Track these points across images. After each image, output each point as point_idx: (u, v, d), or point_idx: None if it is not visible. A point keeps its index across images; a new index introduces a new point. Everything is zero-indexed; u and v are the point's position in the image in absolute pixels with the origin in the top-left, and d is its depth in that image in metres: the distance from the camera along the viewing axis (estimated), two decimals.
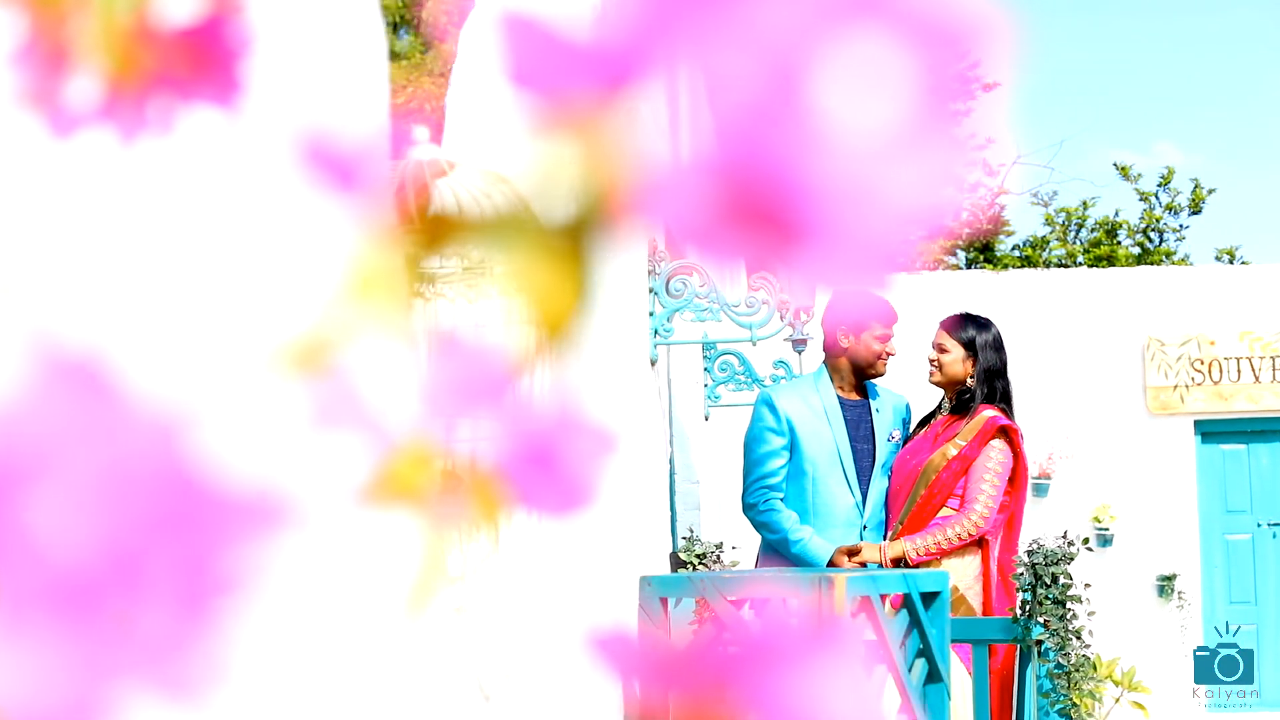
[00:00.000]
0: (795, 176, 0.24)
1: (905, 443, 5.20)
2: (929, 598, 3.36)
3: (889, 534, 5.05)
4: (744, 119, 0.24)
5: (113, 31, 0.51)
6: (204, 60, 0.54)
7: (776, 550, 5.03)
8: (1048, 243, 18.36)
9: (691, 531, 5.23)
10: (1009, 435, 5.01)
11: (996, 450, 4.99)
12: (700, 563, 4.78)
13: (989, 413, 5.01)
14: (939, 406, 5.19)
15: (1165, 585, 10.29)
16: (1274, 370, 10.43)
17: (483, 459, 0.41)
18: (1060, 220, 18.37)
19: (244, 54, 0.53)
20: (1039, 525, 8.67)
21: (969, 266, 18.62)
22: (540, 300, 0.30)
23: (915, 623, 3.30)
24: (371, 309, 0.30)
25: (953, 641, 4.47)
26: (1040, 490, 10.31)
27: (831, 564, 4.88)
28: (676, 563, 4.97)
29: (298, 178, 0.30)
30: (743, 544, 6.18)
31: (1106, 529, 10.32)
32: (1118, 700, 8.04)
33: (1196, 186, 17.75)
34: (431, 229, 0.29)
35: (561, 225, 0.27)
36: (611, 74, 0.25)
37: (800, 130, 0.24)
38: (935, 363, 5.13)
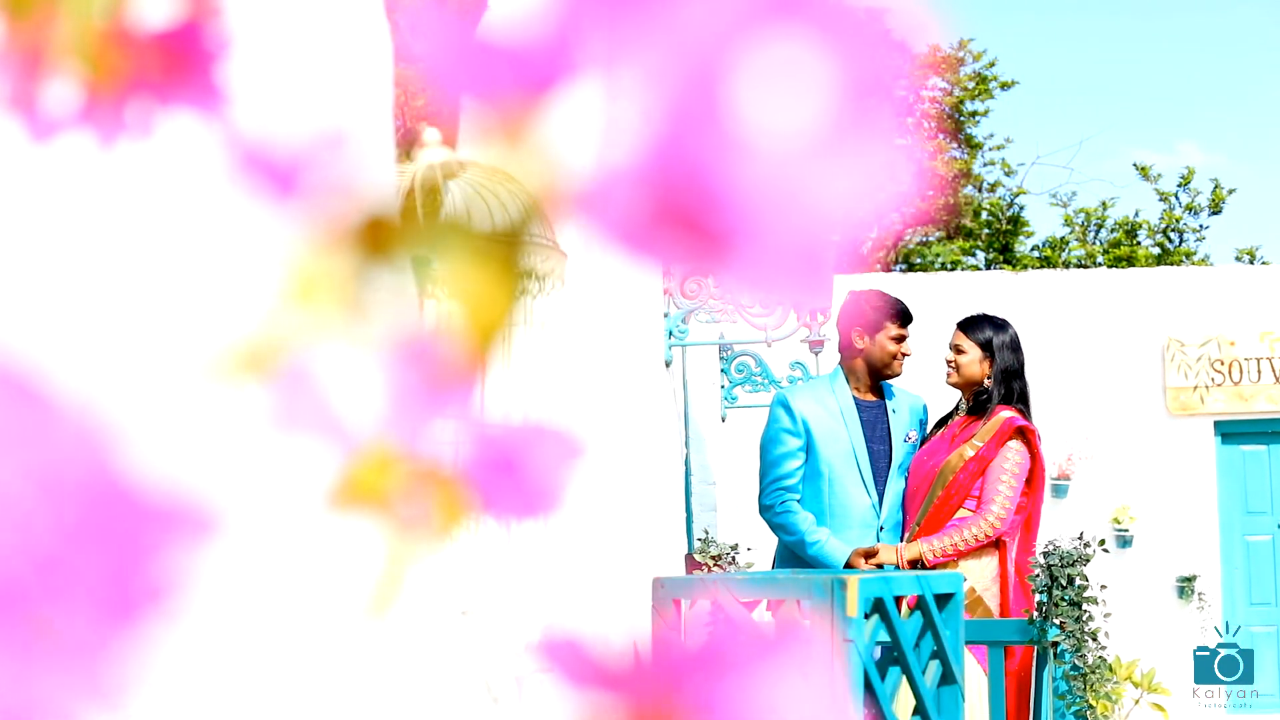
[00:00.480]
0: (718, 181, 0.24)
1: (922, 444, 5.19)
2: (943, 599, 3.35)
3: (906, 535, 5.04)
4: (665, 123, 0.24)
5: (88, 35, 0.51)
6: (182, 64, 0.54)
7: (794, 552, 5.02)
8: (1067, 243, 18.31)
9: (707, 533, 5.22)
10: (1026, 436, 4.99)
11: (1014, 451, 4.97)
12: (715, 564, 4.78)
13: (1006, 413, 4.99)
14: (956, 407, 5.17)
15: (1185, 586, 10.25)
16: None
17: (447, 463, 0.41)
18: (1080, 221, 18.31)
19: (221, 57, 0.53)
20: (1058, 526, 8.65)
21: (988, 267, 18.57)
22: (473, 306, 0.29)
23: (929, 624, 3.29)
24: (314, 314, 0.30)
25: (969, 643, 4.46)
26: (1060, 491, 10.28)
27: (848, 565, 4.88)
28: (692, 564, 4.97)
29: (236, 184, 0.30)
30: (758, 545, 6.17)
31: (1126, 530, 10.28)
32: (1137, 702, 8.01)
33: (1216, 186, 17.68)
34: (372, 234, 0.29)
35: (495, 230, 0.27)
36: (535, 76, 0.25)
37: (721, 134, 0.24)
38: (952, 363, 5.12)
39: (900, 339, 5.13)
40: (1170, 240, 17.83)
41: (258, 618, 0.55)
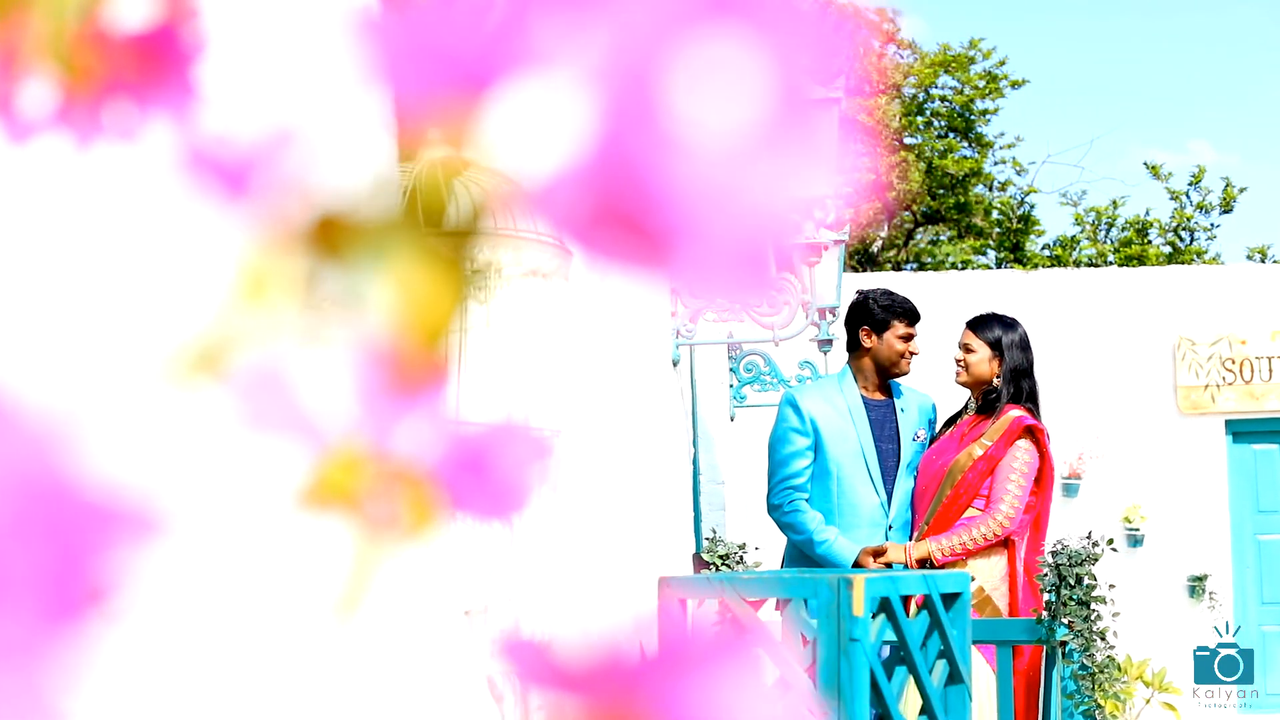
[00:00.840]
0: (655, 179, 0.24)
1: (931, 442, 5.18)
2: (950, 598, 3.35)
3: (915, 534, 5.03)
4: (602, 122, 0.24)
5: (63, 36, 0.50)
6: (157, 66, 0.54)
7: (803, 551, 5.02)
8: (1078, 242, 18.28)
9: (715, 532, 5.22)
10: (1035, 435, 4.98)
11: (1022, 450, 4.96)
12: (723, 563, 4.78)
13: (1015, 412, 4.99)
14: (965, 406, 5.17)
15: (1196, 586, 10.23)
16: None
17: (415, 463, 0.41)
18: (1090, 220, 18.28)
19: (198, 59, 0.53)
20: (1069, 525, 8.64)
21: (998, 266, 18.55)
22: (418, 308, 0.29)
23: (936, 624, 3.28)
24: (265, 314, 0.30)
25: (978, 642, 4.45)
26: (1071, 490, 10.27)
27: (857, 564, 4.87)
28: (699, 563, 4.97)
29: (184, 184, 0.30)
30: (767, 545, 6.17)
31: (1137, 529, 10.26)
32: (1148, 701, 8.00)
33: (1228, 185, 17.63)
34: (325, 233, 0.29)
35: (442, 231, 0.27)
36: (472, 74, 0.25)
37: (658, 132, 0.24)
38: (961, 362, 5.11)
39: (908, 338, 5.13)
40: (1181, 239, 17.80)
41: (221, 619, 0.54)
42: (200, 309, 0.31)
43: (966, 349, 5.11)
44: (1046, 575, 4.42)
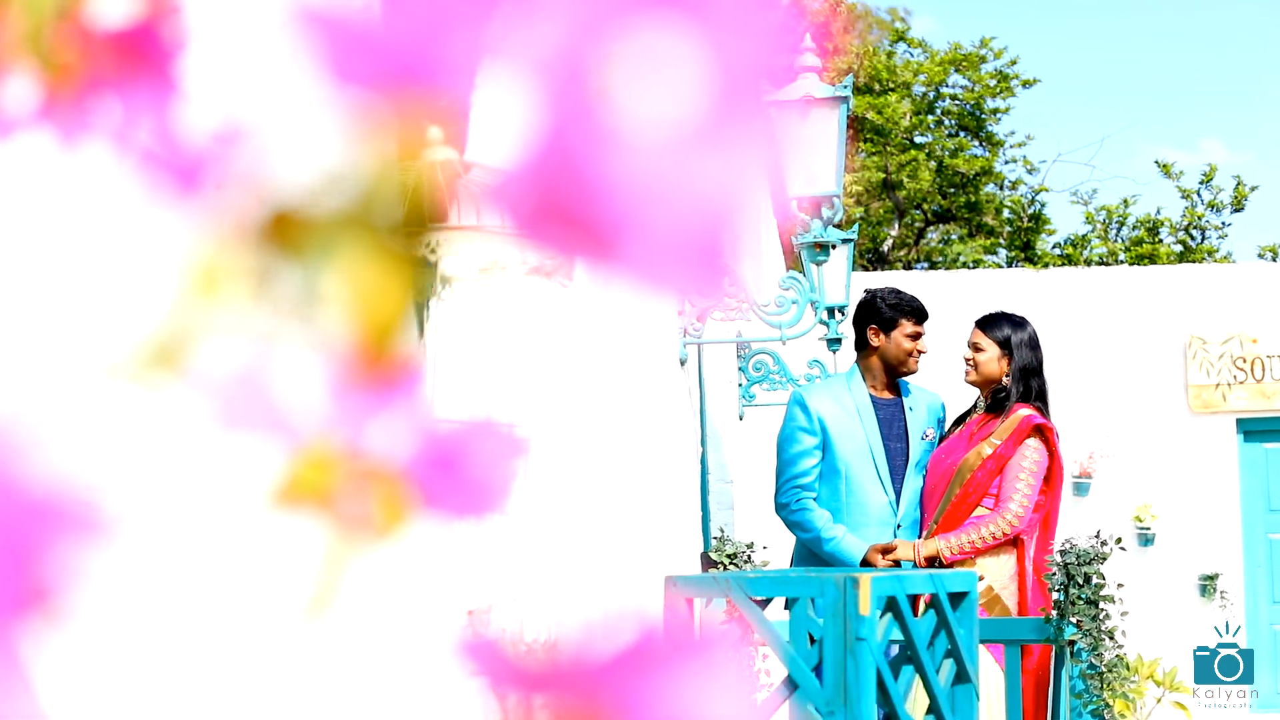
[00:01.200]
0: (593, 173, 0.23)
1: (940, 441, 5.17)
2: (957, 598, 3.34)
3: (924, 533, 5.02)
4: (540, 116, 0.24)
5: (41, 33, 0.50)
6: (138, 61, 0.53)
7: (812, 550, 5.02)
8: (1089, 241, 18.24)
9: (722, 531, 5.21)
10: (1044, 434, 4.97)
11: (1032, 449, 4.95)
12: (731, 562, 4.77)
13: (1024, 411, 4.97)
14: (974, 405, 5.15)
15: (1207, 585, 10.20)
16: None
17: (388, 461, 0.41)
18: (1101, 218, 18.24)
19: (179, 54, 0.53)
20: (1080, 524, 8.62)
21: (1009, 265, 18.52)
22: (369, 303, 0.29)
23: (943, 623, 3.27)
24: (218, 311, 0.30)
25: (987, 642, 4.44)
26: (1081, 489, 10.25)
27: (865, 562, 4.86)
28: (707, 562, 4.96)
29: (137, 181, 0.30)
30: (775, 544, 6.17)
31: (1148, 528, 10.24)
32: (1159, 701, 7.98)
33: (1239, 184, 17.58)
34: (275, 230, 0.29)
35: (391, 227, 0.27)
36: (409, 69, 0.24)
37: (596, 126, 0.23)
38: (970, 361, 5.10)
39: (916, 336, 5.11)
40: (1192, 237, 17.75)
41: (190, 620, 0.54)
42: (154, 306, 0.30)
43: (975, 348, 5.10)
44: (1055, 574, 4.41)
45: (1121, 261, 17.28)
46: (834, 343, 6.43)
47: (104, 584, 0.26)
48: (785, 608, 3.32)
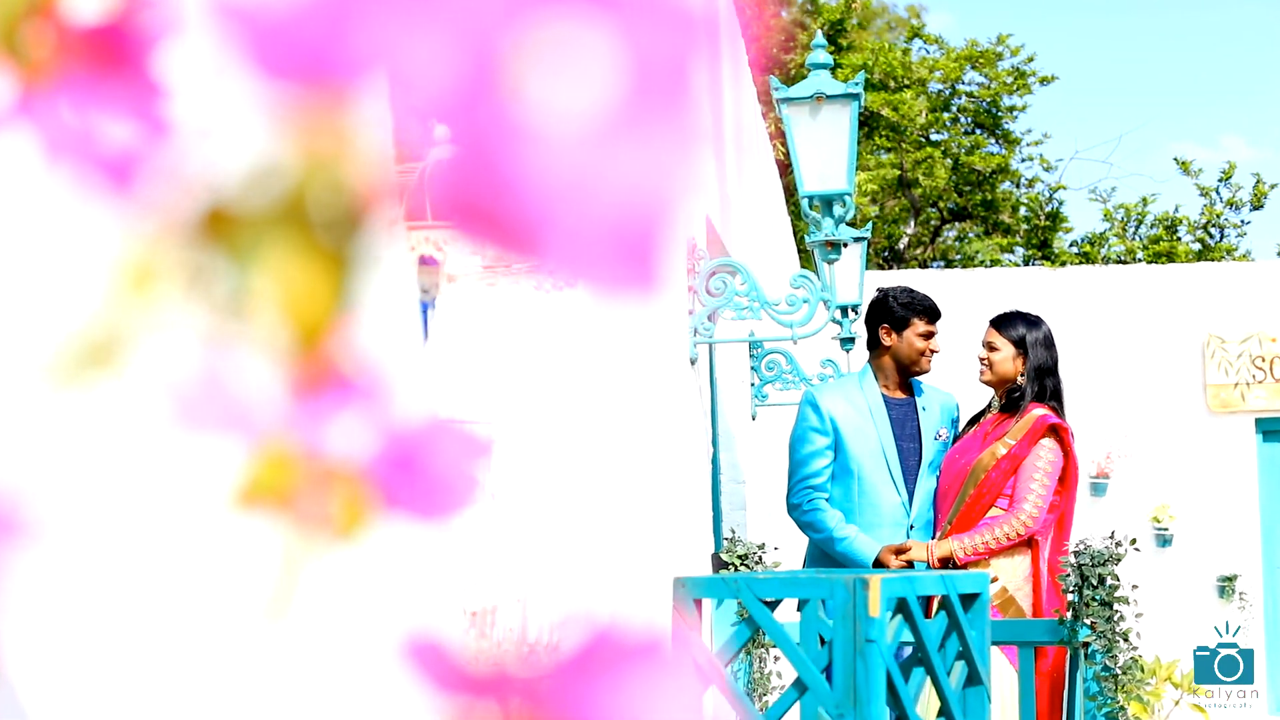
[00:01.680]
0: (505, 169, 0.23)
1: (954, 441, 5.15)
2: (968, 599, 3.32)
3: (938, 534, 5.00)
4: (448, 110, 0.23)
5: (14, 25, 0.50)
6: (115, 57, 0.53)
7: (824, 550, 5.00)
8: (1106, 239, 18.17)
9: (734, 532, 5.20)
10: (1059, 434, 4.95)
11: (1046, 449, 4.93)
12: (742, 563, 4.76)
13: (1039, 411, 4.95)
14: (989, 405, 5.13)
15: (1226, 586, 10.15)
16: None
17: (349, 461, 0.40)
18: (1119, 216, 18.18)
19: (156, 51, 0.53)
20: (1098, 524, 8.58)
21: (1026, 263, 18.47)
22: (297, 300, 0.29)
23: (954, 624, 3.26)
24: (150, 308, 0.29)
25: (1001, 643, 4.42)
26: (1099, 489, 10.21)
27: (879, 563, 4.85)
28: (718, 563, 4.95)
29: (65, 178, 0.30)
30: (787, 544, 6.15)
31: (1166, 529, 10.20)
32: (1177, 703, 7.94)
33: (1258, 182, 17.50)
34: (206, 226, 0.28)
35: (326, 223, 0.26)
36: (329, 62, 0.24)
37: (507, 121, 0.23)
38: (985, 361, 5.08)
39: (928, 335, 5.10)
40: (1211, 236, 17.68)
41: (142, 620, 0.54)
42: (85, 304, 0.30)
43: (990, 347, 5.08)
44: (1069, 575, 4.39)
45: (1139, 260, 17.21)
46: (847, 342, 6.41)
47: (31, 585, 0.26)
48: (798, 609, 3.31)
